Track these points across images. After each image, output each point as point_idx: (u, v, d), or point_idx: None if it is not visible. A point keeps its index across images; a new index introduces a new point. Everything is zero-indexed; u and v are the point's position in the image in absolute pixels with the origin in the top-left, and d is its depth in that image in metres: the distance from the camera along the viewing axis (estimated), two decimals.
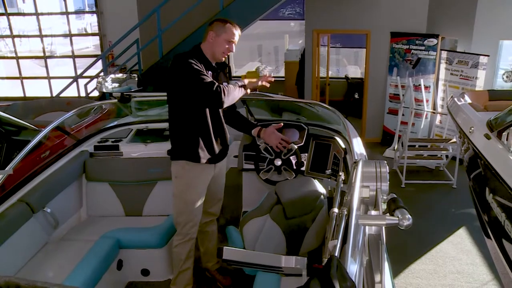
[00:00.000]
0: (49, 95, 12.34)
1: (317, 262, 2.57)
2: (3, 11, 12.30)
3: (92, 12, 12.19)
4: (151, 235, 3.77)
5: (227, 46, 3.13)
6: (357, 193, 1.89)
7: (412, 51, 7.57)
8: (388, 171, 2.18)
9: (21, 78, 12.75)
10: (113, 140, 4.44)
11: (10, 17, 12.36)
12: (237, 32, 3.19)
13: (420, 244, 4.80)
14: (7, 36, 12.66)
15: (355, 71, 11.70)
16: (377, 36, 7.85)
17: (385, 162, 2.23)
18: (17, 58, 12.66)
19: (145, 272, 3.90)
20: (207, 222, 3.71)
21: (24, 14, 12.68)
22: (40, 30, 12.36)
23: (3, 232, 3.14)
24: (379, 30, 7.79)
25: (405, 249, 4.66)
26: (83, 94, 10.24)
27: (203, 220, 3.56)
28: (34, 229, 3.56)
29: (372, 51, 8.00)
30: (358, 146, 3.19)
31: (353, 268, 1.52)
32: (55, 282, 1.58)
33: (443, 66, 7.12)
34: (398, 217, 1.81)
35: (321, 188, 3.29)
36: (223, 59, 3.22)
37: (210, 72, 3.14)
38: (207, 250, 3.86)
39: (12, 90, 12.82)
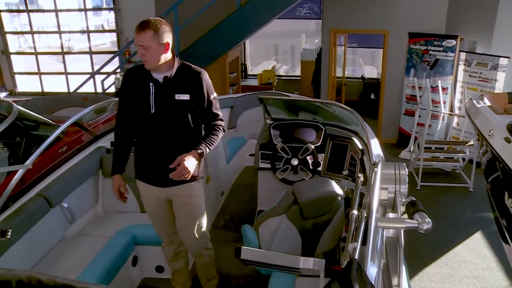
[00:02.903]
0: (66, 90, 12.47)
1: (332, 263, 2.56)
2: (24, 8, 12.46)
3: (109, 9, 12.27)
4: None
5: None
6: (377, 196, 1.88)
7: (430, 52, 7.50)
8: (407, 173, 2.16)
9: (39, 73, 12.90)
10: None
11: (30, 13, 12.53)
12: (138, 35, 2.71)
13: (435, 247, 4.75)
14: (27, 32, 12.81)
15: (371, 71, 11.63)
16: (395, 36, 7.78)
17: (404, 164, 2.22)
18: (36, 54, 12.82)
19: (159, 269, 3.93)
20: (177, 251, 3.49)
21: (43, 11, 12.81)
22: (58, 26, 12.50)
23: (21, 226, 3.19)
24: (397, 30, 7.73)
25: (419, 252, 4.62)
26: (99, 90, 10.34)
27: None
28: (51, 223, 3.60)
29: (389, 51, 7.94)
30: (376, 147, 3.17)
31: (372, 271, 1.51)
32: (71, 277, 1.60)
33: (461, 67, 7.04)
34: (417, 220, 1.80)
35: (338, 189, 3.28)
36: (149, 66, 2.81)
37: (151, 83, 2.86)
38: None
39: (31, 85, 12.97)
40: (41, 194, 3.54)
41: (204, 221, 3.26)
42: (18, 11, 12.81)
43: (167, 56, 2.82)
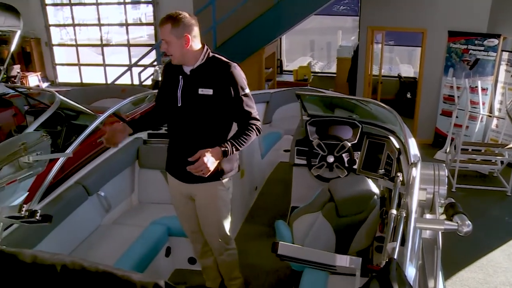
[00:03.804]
0: (104, 82, 12.75)
1: (366, 262, 2.55)
2: (68, 2, 12.85)
3: (148, 3, 12.45)
4: None
5: None
6: (416, 196, 1.87)
7: (470, 51, 7.31)
8: (446, 174, 2.14)
9: (79, 64, 13.24)
10: (166, 128, 4.55)
11: (73, 7, 12.90)
12: (160, 30, 2.74)
13: (469, 251, 4.66)
14: (69, 25, 13.18)
15: (408, 70, 11.43)
16: (434, 35, 7.61)
17: (444, 165, 2.19)
18: (77, 45, 13.17)
19: (192, 261, 3.98)
20: (204, 250, 3.51)
21: (85, 4, 13.14)
22: (99, 19, 12.79)
23: (61, 213, 3.28)
24: (437, 28, 7.56)
25: (453, 255, 4.53)
26: (136, 82, 10.53)
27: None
28: (89, 211, 3.70)
29: (427, 50, 7.78)
30: (413, 147, 3.13)
31: (411, 272, 1.51)
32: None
33: (503, 68, 6.85)
34: (457, 222, 1.78)
35: (375, 188, 3.25)
36: (174, 60, 2.81)
37: (180, 76, 2.87)
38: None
39: (70, 76, 13.33)
40: (79, 182, 3.65)
41: (227, 224, 3.19)
42: (62, 4, 13.18)
43: (190, 49, 2.75)
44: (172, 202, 3.31)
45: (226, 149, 2.71)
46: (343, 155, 3.99)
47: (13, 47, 3.24)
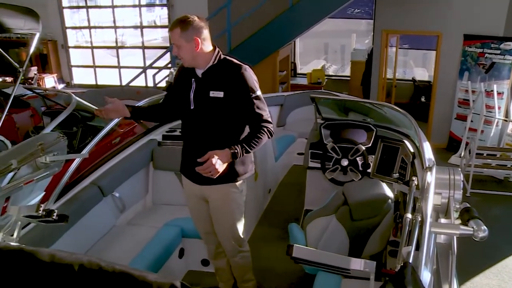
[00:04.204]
0: (118, 83, 12.87)
1: (380, 266, 2.54)
2: (84, 4, 13.06)
3: (163, 5, 12.56)
4: None
5: None
6: (431, 200, 1.86)
7: (486, 55, 7.24)
8: (462, 179, 2.13)
9: (94, 66, 13.39)
10: (181, 130, 4.57)
11: (89, 9, 13.10)
12: (170, 34, 2.77)
13: (484, 256, 4.60)
14: (85, 27, 13.36)
15: (422, 74, 11.36)
16: (449, 38, 7.55)
17: (459, 169, 2.18)
18: (92, 47, 13.33)
19: (205, 262, 3.98)
20: (217, 251, 3.51)
21: (100, 7, 13.30)
22: (114, 21, 12.93)
23: (76, 213, 3.31)
24: (452, 32, 7.49)
25: (468, 260, 4.48)
26: (150, 84, 10.60)
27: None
28: (103, 212, 3.73)
29: (442, 53, 7.72)
30: (428, 151, 3.12)
31: (426, 277, 1.51)
32: None
33: None
34: (472, 227, 1.77)
35: (389, 192, 3.24)
36: (185, 64, 2.85)
37: (193, 79, 2.89)
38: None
39: (86, 77, 13.49)
40: (95, 183, 3.68)
41: (240, 226, 3.19)
42: (78, 7, 13.35)
43: (200, 52, 2.75)
44: (187, 203, 3.33)
45: (236, 151, 2.71)
46: (357, 158, 3.98)
47: (32, 49, 3.28)
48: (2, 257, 1.01)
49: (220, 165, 2.63)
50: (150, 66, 9.90)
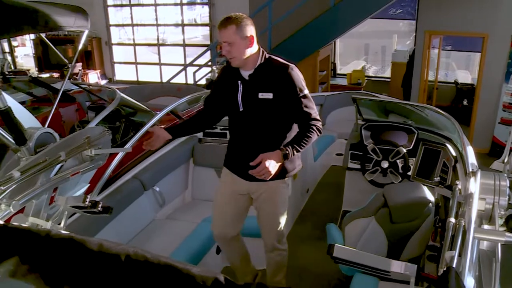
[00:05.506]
0: (159, 80, 13.12)
1: (419, 270, 2.51)
2: (128, 3, 13.42)
3: (204, 4, 12.72)
4: (252, 223, 3.86)
5: None
6: (476, 206, 1.83)
7: None
8: (508, 185, 2.08)
9: (136, 63, 13.70)
10: (221, 127, 4.56)
11: (132, 7, 13.44)
12: (221, 32, 2.71)
13: None
14: (128, 25, 13.71)
15: (465, 76, 11.04)
16: (495, 39, 7.31)
17: (505, 175, 2.13)
18: (134, 45, 13.65)
19: None
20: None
21: (143, 5, 13.59)
22: (156, 19, 13.19)
23: (118, 205, 3.38)
24: (498, 33, 7.25)
25: (509, 268, 4.36)
26: (190, 81, 10.76)
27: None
28: (144, 205, 3.82)
29: (488, 55, 7.48)
30: (471, 156, 3.05)
31: (470, 282, 1.49)
32: None
33: None
34: None
35: (430, 196, 3.19)
36: (236, 63, 2.79)
37: (239, 81, 2.87)
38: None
39: (127, 74, 13.83)
40: (136, 177, 3.77)
41: (283, 220, 3.18)
42: (122, 5, 13.70)
43: (252, 50, 2.75)
44: (217, 194, 3.26)
45: (287, 152, 2.73)
46: (398, 161, 3.93)
47: (80, 45, 3.40)
48: (54, 244, 1.05)
49: (273, 168, 2.65)
50: (191, 64, 10.04)
